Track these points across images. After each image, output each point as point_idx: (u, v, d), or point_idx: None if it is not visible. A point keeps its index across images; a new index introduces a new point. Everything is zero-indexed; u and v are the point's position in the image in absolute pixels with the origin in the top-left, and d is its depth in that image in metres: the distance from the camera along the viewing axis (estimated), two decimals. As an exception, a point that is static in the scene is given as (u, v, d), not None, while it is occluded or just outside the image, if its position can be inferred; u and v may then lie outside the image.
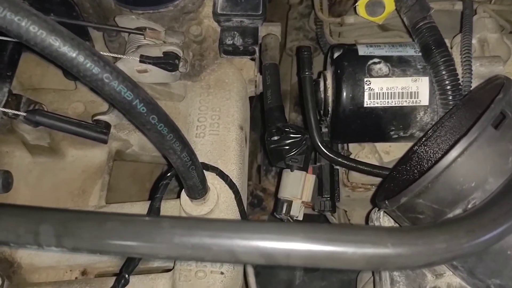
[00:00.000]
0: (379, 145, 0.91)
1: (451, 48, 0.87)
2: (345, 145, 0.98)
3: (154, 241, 0.42)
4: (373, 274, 0.72)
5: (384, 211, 0.62)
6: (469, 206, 0.49)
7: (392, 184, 0.68)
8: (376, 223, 0.68)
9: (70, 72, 0.56)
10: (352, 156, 0.93)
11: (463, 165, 0.49)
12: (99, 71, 0.55)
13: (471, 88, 0.78)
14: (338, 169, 0.99)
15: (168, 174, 0.76)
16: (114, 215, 0.44)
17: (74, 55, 0.54)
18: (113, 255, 0.43)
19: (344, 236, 0.41)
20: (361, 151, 0.93)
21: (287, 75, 1.43)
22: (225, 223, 0.43)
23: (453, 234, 0.41)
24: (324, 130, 0.97)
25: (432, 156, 0.71)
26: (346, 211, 1.08)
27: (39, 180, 0.91)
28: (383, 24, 1.01)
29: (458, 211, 0.50)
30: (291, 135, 0.87)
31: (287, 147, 0.87)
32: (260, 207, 1.33)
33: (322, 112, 0.89)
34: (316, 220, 1.09)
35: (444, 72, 0.76)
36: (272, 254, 0.41)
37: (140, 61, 0.80)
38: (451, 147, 0.50)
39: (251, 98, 1.04)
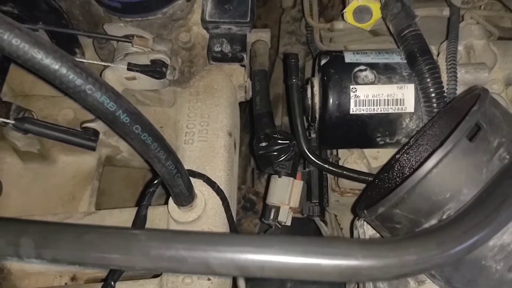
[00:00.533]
0: (367, 151, 0.91)
1: (438, 54, 0.87)
2: (334, 150, 0.99)
3: (131, 254, 0.43)
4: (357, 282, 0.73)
5: (365, 220, 0.63)
6: (444, 216, 0.50)
7: (374, 192, 0.68)
8: (360, 231, 0.69)
9: (53, 84, 0.57)
10: (341, 162, 0.94)
11: (438, 176, 0.49)
12: (82, 82, 0.56)
13: (456, 95, 0.79)
14: (327, 174, 0.99)
15: (155, 182, 0.76)
16: (93, 228, 0.45)
17: (56, 67, 0.55)
18: (92, 267, 0.43)
19: (318, 249, 0.42)
20: (350, 157, 0.94)
21: (280, 79, 1.43)
22: (201, 236, 0.44)
23: (424, 246, 0.42)
24: (313, 135, 0.98)
25: (414, 164, 0.71)
26: (336, 216, 1.09)
27: (30, 186, 0.92)
28: (373, 29, 1.02)
29: (433, 221, 0.51)
30: (279, 141, 0.88)
31: (275, 153, 0.87)
32: (253, 210, 1.34)
33: (309, 118, 0.90)
34: (305, 225, 1.09)
35: (428, 80, 0.77)
36: (246, 266, 0.42)
37: (128, 69, 0.81)
38: (427, 158, 0.51)
39: (243, 103, 1.05)
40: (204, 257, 0.42)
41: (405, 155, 0.72)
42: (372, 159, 0.91)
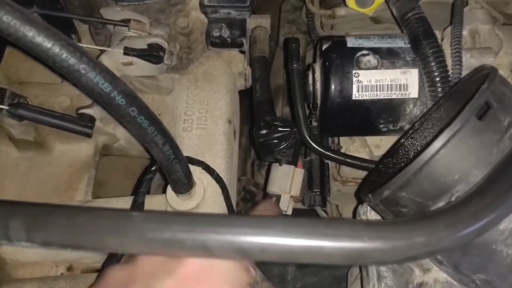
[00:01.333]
0: (369, 139, 0.90)
1: (442, 39, 0.85)
2: (336, 139, 0.97)
3: (125, 236, 0.41)
4: (360, 270, 0.71)
5: (369, 205, 0.61)
6: (453, 199, 0.48)
7: (378, 178, 0.66)
8: (363, 217, 0.67)
9: (46, 63, 0.55)
10: (342, 150, 0.92)
11: (446, 157, 0.47)
12: (76, 62, 0.54)
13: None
14: (328, 163, 0.98)
15: (152, 169, 0.74)
16: (85, 209, 0.43)
17: (49, 45, 0.53)
18: (84, 250, 0.41)
19: (321, 230, 0.40)
20: (352, 145, 0.92)
21: (280, 69, 1.41)
22: (199, 217, 0.42)
23: (432, 228, 0.40)
24: (315, 124, 0.96)
25: (419, 148, 0.69)
26: (338, 206, 1.07)
27: (26, 174, 0.90)
28: (375, 17, 1.00)
29: (441, 204, 0.49)
30: (280, 129, 0.86)
31: (275, 141, 0.85)
32: (253, 202, 1.32)
33: (311, 105, 0.88)
34: (306, 215, 1.07)
35: (433, 64, 0.75)
36: (246, 248, 0.40)
37: (124, 53, 0.79)
38: (434, 138, 0.49)
39: (242, 94, 1.03)
40: (203, 239, 0.40)
41: (410, 139, 0.70)
42: (374, 147, 0.89)
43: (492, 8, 0.94)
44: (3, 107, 0.77)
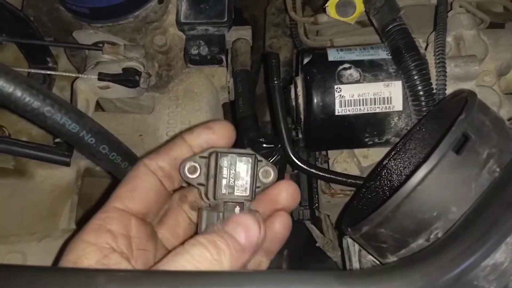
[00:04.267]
0: (357, 150, 0.88)
1: (427, 45, 0.83)
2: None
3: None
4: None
5: (351, 238, 0.59)
6: (432, 236, 0.46)
7: (361, 203, 0.65)
8: (351, 251, 0.64)
9: (8, 108, 0.53)
10: (330, 161, 0.91)
11: (423, 194, 0.46)
12: (39, 105, 0.52)
13: (445, 91, 0.75)
14: (316, 176, 0.96)
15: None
16: (48, 270, 0.42)
17: (10, 90, 0.51)
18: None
19: (291, 285, 0.39)
20: (340, 156, 0.90)
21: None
22: (167, 276, 0.40)
23: (408, 278, 0.38)
24: (301, 135, 0.94)
25: (402, 170, 0.68)
26: (328, 216, 1.05)
27: (7, 202, 0.89)
28: (361, 20, 0.97)
29: (420, 241, 0.47)
30: (264, 145, 0.84)
31: (260, 158, 0.84)
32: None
33: (295, 120, 0.86)
34: (295, 227, 1.06)
35: (416, 77, 0.72)
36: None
37: (99, 79, 0.77)
38: (413, 171, 0.47)
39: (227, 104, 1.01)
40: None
41: (392, 161, 0.69)
42: (362, 158, 0.87)
43: (478, 9, 0.92)
44: (-24, 141, 0.76)
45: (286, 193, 0.54)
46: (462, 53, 0.83)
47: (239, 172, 0.50)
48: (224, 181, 0.50)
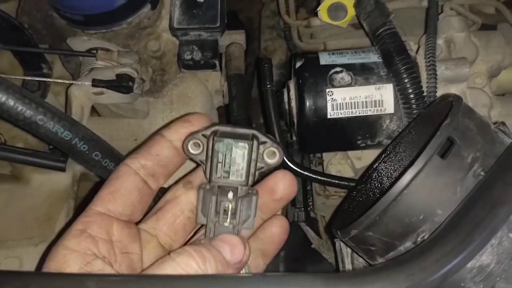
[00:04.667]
0: (351, 152, 0.89)
1: (419, 47, 0.84)
2: (317, 152, 0.96)
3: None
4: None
5: (341, 241, 0.60)
6: (419, 239, 0.47)
7: (352, 206, 0.66)
8: (344, 253, 0.65)
9: (2, 117, 0.54)
10: (324, 163, 0.92)
11: (409, 198, 0.46)
12: (32, 114, 0.53)
13: (436, 93, 0.76)
14: (310, 178, 0.97)
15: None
16: (38, 275, 0.42)
17: (2, 99, 0.52)
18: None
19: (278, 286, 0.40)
20: (334, 157, 0.91)
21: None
22: (154, 280, 0.41)
23: (393, 279, 0.39)
24: (295, 138, 0.95)
25: (392, 173, 0.68)
26: (324, 217, 1.06)
27: (5, 208, 0.89)
28: (354, 23, 0.98)
29: (408, 243, 0.48)
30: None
31: (254, 161, 0.84)
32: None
33: (288, 123, 0.87)
34: (291, 229, 1.06)
35: (406, 81, 0.73)
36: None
37: (93, 85, 0.78)
38: (401, 174, 0.48)
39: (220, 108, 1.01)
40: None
41: (382, 163, 0.69)
42: (356, 159, 0.88)
43: (469, 11, 0.93)
44: (-28, 148, 0.76)
45: (283, 183, 0.54)
46: (453, 55, 0.84)
47: (235, 158, 0.49)
48: (219, 166, 0.49)
